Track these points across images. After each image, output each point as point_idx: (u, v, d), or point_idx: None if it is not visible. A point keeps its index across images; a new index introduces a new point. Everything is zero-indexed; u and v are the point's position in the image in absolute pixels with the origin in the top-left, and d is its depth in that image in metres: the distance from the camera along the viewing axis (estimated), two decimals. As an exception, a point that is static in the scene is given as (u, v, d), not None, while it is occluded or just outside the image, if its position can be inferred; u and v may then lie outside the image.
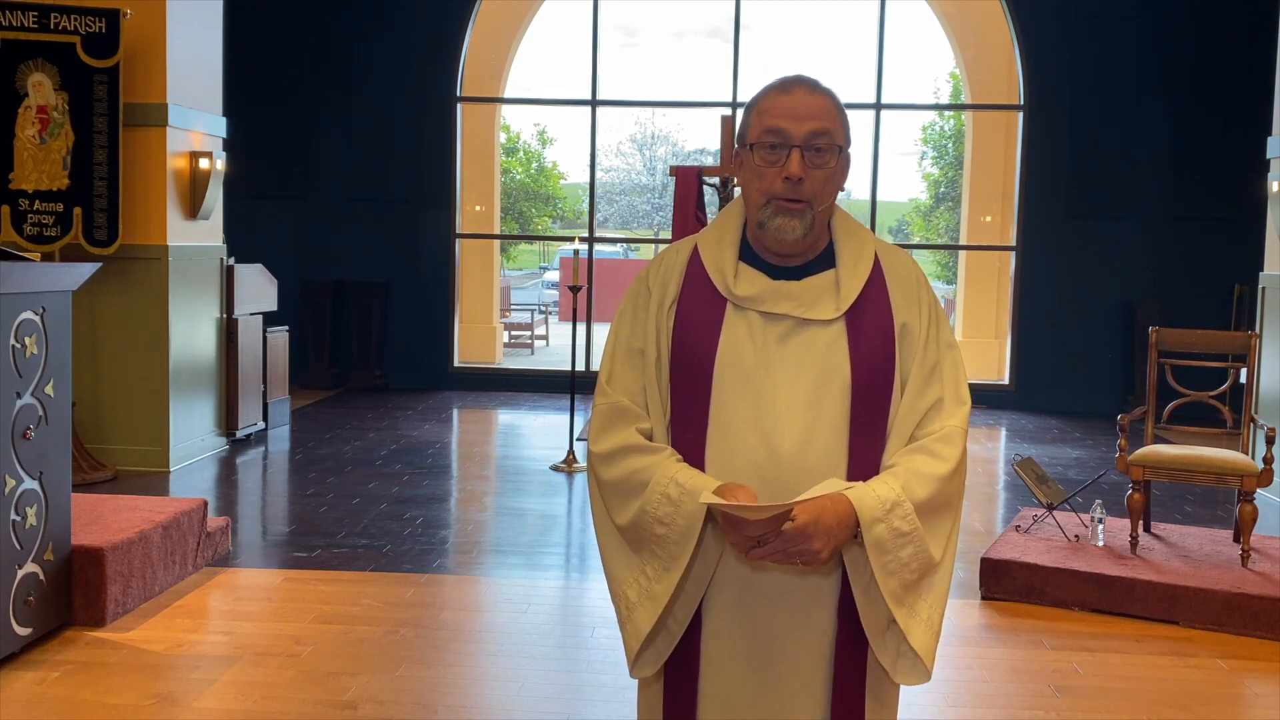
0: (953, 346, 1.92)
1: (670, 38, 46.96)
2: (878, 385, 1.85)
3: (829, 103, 1.85)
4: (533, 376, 11.73)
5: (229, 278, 7.70)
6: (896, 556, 1.78)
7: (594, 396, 1.96)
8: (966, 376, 1.94)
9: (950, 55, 18.89)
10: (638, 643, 1.86)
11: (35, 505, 3.98)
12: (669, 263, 1.95)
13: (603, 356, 1.98)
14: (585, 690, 3.84)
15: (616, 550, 1.91)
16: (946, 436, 1.85)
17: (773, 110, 1.84)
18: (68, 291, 4.15)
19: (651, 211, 36.05)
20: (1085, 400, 10.36)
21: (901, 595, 1.80)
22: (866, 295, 1.87)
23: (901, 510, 1.78)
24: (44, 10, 6.48)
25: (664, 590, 1.82)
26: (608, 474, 1.88)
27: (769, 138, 1.82)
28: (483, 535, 5.88)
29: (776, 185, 1.82)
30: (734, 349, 1.85)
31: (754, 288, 1.87)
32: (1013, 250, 10.80)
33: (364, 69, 10.77)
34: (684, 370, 1.88)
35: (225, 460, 7.40)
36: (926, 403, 1.87)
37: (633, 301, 1.96)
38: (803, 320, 1.85)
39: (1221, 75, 10.21)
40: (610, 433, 1.89)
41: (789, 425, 1.81)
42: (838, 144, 1.84)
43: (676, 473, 1.81)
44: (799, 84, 1.86)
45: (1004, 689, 3.95)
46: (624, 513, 1.86)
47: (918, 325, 1.89)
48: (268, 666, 3.95)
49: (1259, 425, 5.21)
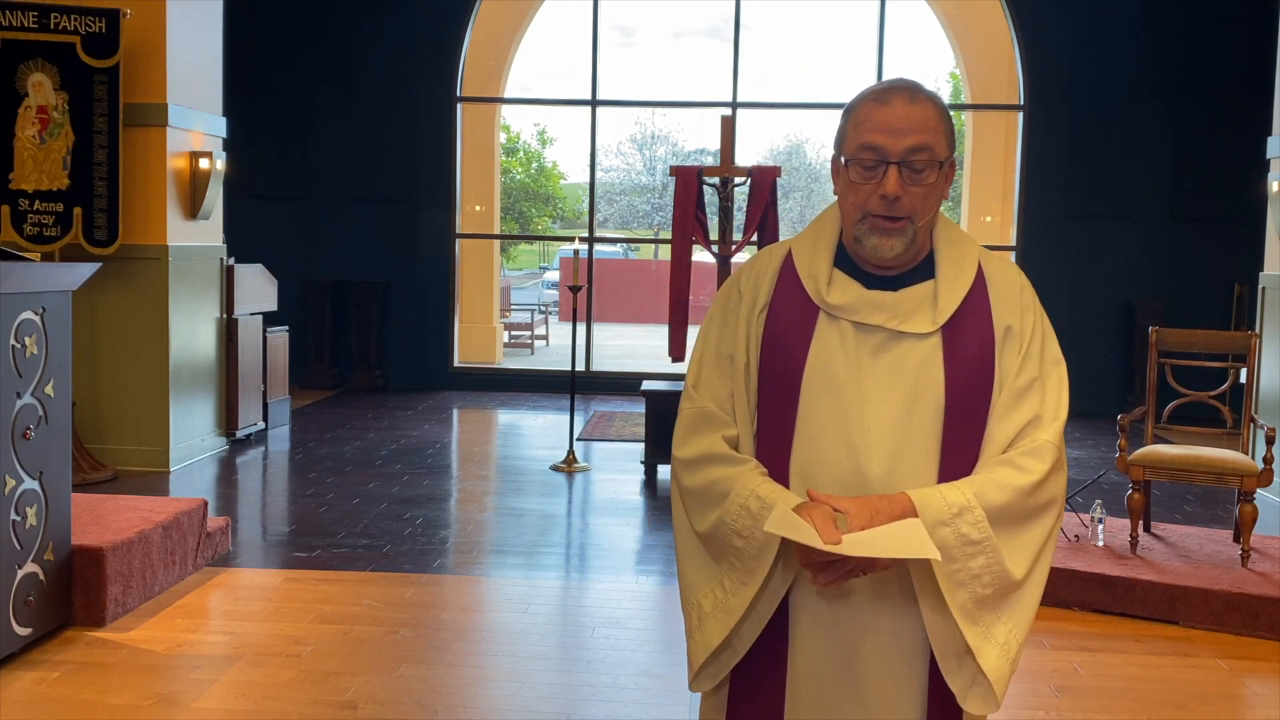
0: (1059, 363, 1.83)
1: (670, 38, 46.95)
2: (975, 400, 1.76)
3: (930, 112, 1.74)
4: (533, 376, 11.74)
5: (229, 278, 7.70)
6: (966, 567, 1.69)
7: (680, 401, 1.91)
8: (1068, 395, 1.83)
9: (950, 55, 18.89)
10: (705, 654, 1.81)
11: (35, 505, 3.98)
12: (761, 266, 1.88)
13: (690, 360, 1.92)
14: (585, 690, 3.84)
15: (695, 557, 1.85)
16: (1034, 450, 1.75)
17: (869, 123, 1.73)
18: (68, 291, 4.15)
19: (651, 211, 36.03)
20: (1085, 400, 10.33)
21: (974, 612, 1.70)
22: (966, 307, 1.79)
23: (971, 516, 1.68)
24: (44, 10, 6.48)
25: (739, 604, 1.77)
26: (690, 481, 1.82)
27: (865, 155, 1.73)
28: (483, 535, 5.88)
29: (873, 202, 1.74)
30: (824, 359, 1.78)
31: (848, 296, 1.79)
32: (1013, 250, 10.80)
33: (364, 69, 10.77)
34: (773, 378, 1.81)
35: (225, 460, 7.40)
36: (1021, 419, 1.77)
37: (723, 305, 1.90)
38: (897, 333, 1.77)
39: (1221, 75, 10.21)
40: (695, 438, 1.83)
41: (878, 441, 1.74)
42: (938, 159, 1.73)
43: (758, 486, 1.75)
44: (898, 93, 1.74)
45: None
46: (704, 521, 1.81)
47: (1019, 332, 1.80)
48: (268, 666, 3.95)
49: (1259, 425, 5.21)
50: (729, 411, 1.85)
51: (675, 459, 1.86)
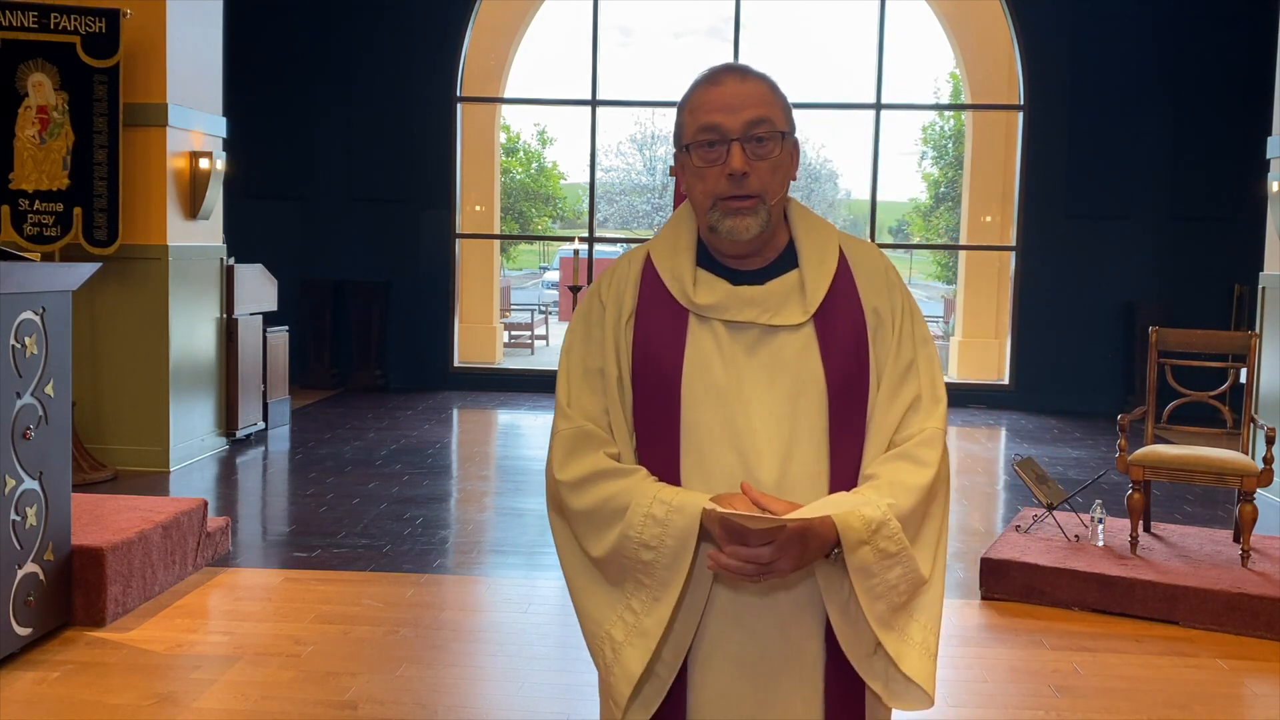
0: (928, 342, 1.79)
1: (670, 37, 46.96)
2: (855, 386, 1.73)
3: (763, 88, 1.70)
4: (533, 376, 11.73)
5: (229, 278, 7.70)
6: (884, 579, 1.66)
7: (554, 420, 1.80)
8: (942, 373, 1.81)
9: (950, 55, 18.89)
10: (629, 687, 1.69)
11: (35, 505, 3.98)
12: (621, 274, 1.81)
13: (558, 379, 1.82)
14: (585, 690, 3.84)
15: (592, 586, 1.75)
16: (927, 440, 1.73)
17: (704, 105, 1.69)
18: (68, 291, 4.15)
19: (651, 211, 36.06)
20: (1085, 400, 10.36)
21: (890, 619, 1.67)
22: (834, 293, 1.74)
23: (887, 530, 1.64)
24: (44, 10, 6.48)
25: (655, 624, 1.67)
26: (578, 503, 1.72)
27: (705, 135, 1.68)
28: (483, 535, 5.88)
29: (721, 185, 1.68)
30: (701, 363, 1.72)
31: (715, 295, 1.73)
32: (1013, 250, 10.80)
33: (364, 69, 10.77)
34: (649, 388, 1.74)
35: (225, 460, 7.40)
36: (903, 403, 1.75)
37: (585, 318, 1.81)
38: (770, 327, 1.72)
39: (1221, 75, 10.21)
40: (577, 459, 1.74)
41: (767, 441, 1.69)
42: (780, 130, 1.69)
43: (659, 491, 1.67)
44: (728, 73, 1.71)
45: (1004, 689, 3.95)
46: (600, 543, 1.70)
47: (889, 313, 1.76)
48: (268, 666, 3.95)
49: (1259, 425, 5.21)
50: (605, 428, 1.76)
51: (558, 483, 1.75)
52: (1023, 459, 5.58)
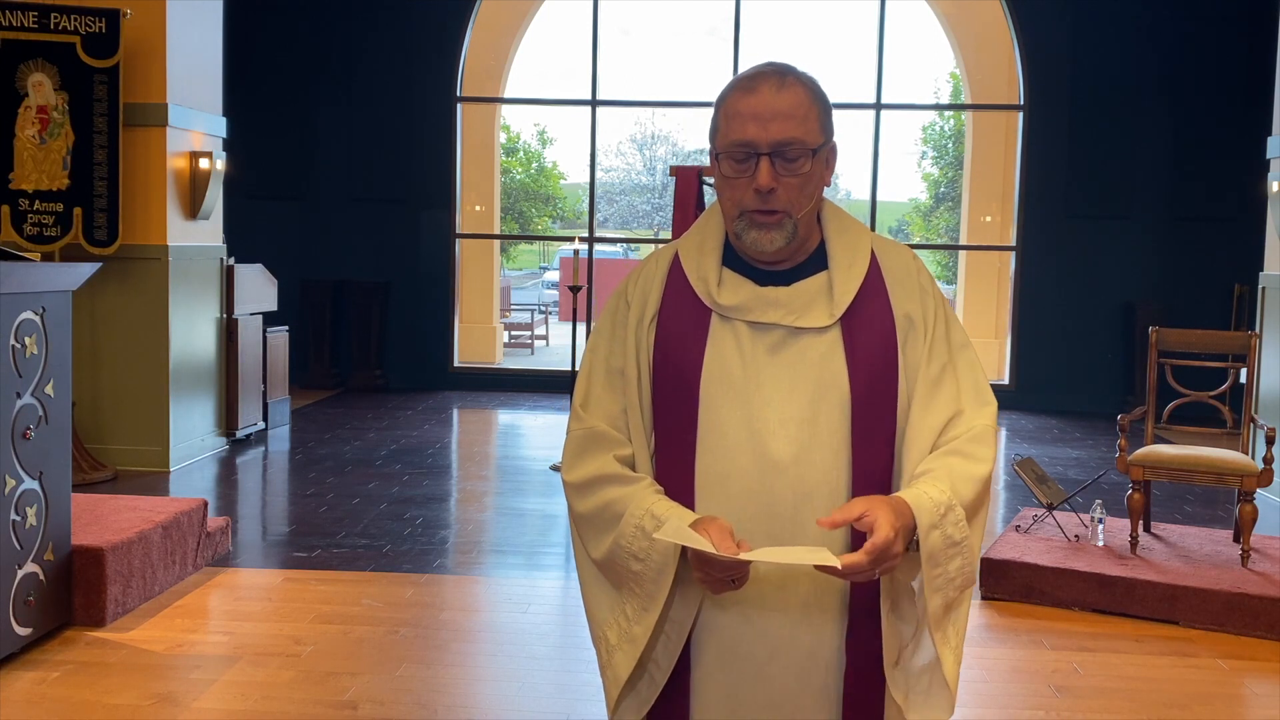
0: (966, 346, 1.75)
1: (670, 37, 46.97)
2: (881, 393, 1.69)
3: (799, 98, 1.66)
4: (533, 376, 11.74)
5: (229, 278, 7.70)
6: (945, 571, 1.62)
7: (568, 422, 1.80)
8: (985, 375, 1.76)
9: (950, 55, 18.89)
10: (617, 689, 1.72)
11: (35, 505, 3.98)
12: (649, 273, 1.80)
13: (578, 377, 1.82)
14: (585, 690, 3.84)
15: (597, 586, 1.77)
16: (978, 436, 1.69)
17: (737, 113, 1.66)
18: (68, 291, 4.15)
19: (651, 211, 36.04)
20: (1085, 400, 10.36)
21: (941, 618, 1.64)
22: (863, 297, 1.71)
23: (954, 515, 1.61)
24: (44, 10, 6.48)
25: (642, 632, 1.68)
26: (582, 506, 1.73)
27: (735, 150, 1.66)
28: (483, 535, 5.88)
29: (748, 197, 1.66)
30: (720, 362, 1.70)
31: (740, 296, 1.72)
32: (1013, 250, 10.80)
33: (364, 69, 10.77)
34: (668, 388, 1.73)
35: (225, 460, 7.40)
36: (940, 411, 1.70)
37: (611, 317, 1.80)
38: (794, 329, 1.69)
39: (1221, 75, 10.21)
40: (585, 461, 1.74)
41: (784, 444, 1.66)
42: (810, 148, 1.65)
43: (652, 504, 1.66)
44: (765, 79, 1.66)
45: (1004, 689, 3.95)
46: (600, 547, 1.72)
47: (921, 319, 1.72)
48: (268, 666, 3.95)
49: (1259, 425, 5.21)
50: (622, 429, 1.76)
51: (566, 484, 1.76)
52: (1023, 459, 5.58)
